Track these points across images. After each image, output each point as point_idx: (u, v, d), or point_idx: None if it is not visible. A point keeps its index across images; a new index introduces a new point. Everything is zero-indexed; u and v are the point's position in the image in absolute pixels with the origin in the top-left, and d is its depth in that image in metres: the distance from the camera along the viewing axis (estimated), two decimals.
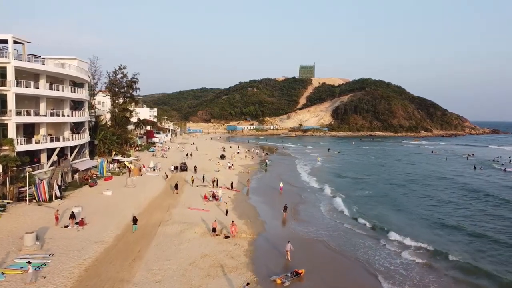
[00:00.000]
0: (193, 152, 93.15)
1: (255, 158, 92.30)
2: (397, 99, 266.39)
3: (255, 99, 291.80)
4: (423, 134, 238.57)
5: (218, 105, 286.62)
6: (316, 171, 73.35)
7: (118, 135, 77.85)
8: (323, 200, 48.30)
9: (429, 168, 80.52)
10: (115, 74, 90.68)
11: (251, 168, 74.62)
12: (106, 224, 32.42)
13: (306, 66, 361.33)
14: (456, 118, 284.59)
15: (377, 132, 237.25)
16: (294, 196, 50.22)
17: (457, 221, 39.55)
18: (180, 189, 48.90)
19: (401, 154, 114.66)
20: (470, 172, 77.44)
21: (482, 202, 49.40)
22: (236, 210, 40.23)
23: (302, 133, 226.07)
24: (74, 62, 50.62)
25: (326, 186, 57.01)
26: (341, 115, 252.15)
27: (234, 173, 66.86)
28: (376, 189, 56.81)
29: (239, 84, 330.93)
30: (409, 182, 63.11)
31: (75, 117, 50.06)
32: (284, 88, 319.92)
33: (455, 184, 62.64)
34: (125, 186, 48.28)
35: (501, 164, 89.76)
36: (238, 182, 59.55)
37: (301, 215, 40.84)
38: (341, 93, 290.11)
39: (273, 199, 48.41)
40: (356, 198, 49.73)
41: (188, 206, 40.02)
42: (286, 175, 68.10)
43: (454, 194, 54.17)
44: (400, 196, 52.14)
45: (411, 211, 43.97)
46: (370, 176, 69.27)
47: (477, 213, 43.86)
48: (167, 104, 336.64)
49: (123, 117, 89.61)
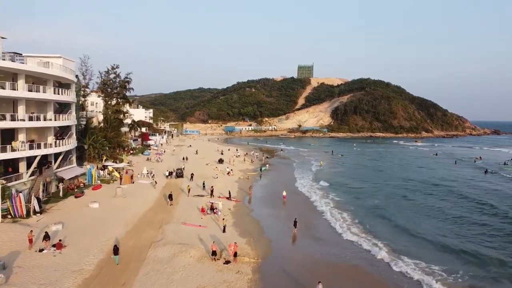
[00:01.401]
0: (190, 156, 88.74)
1: (255, 162, 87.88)
2: (397, 99, 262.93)
3: (253, 99, 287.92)
4: (424, 135, 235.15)
5: (215, 105, 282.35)
6: (321, 177, 68.81)
7: (110, 138, 73.44)
8: (332, 212, 43.90)
9: (441, 174, 76.03)
10: (108, 74, 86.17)
11: (251, 173, 70.32)
12: (88, 246, 28.13)
13: (304, 66, 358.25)
14: (456, 119, 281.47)
15: (378, 133, 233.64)
16: (300, 207, 45.99)
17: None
18: (175, 199, 44.54)
19: (406, 157, 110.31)
20: (483, 177, 73.30)
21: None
22: (237, 226, 35.91)
23: (302, 134, 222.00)
24: (58, 60, 46.11)
25: (333, 195, 52.79)
26: (341, 116, 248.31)
27: (234, 180, 62.57)
28: (389, 200, 51.42)
29: (237, 84, 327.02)
30: (423, 191, 57.91)
31: (60, 121, 45.59)
32: (282, 88, 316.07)
33: (478, 195, 57.70)
34: (115, 197, 43.92)
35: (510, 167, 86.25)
36: (239, 189, 55.52)
37: (313, 231, 36.39)
38: (340, 93, 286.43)
39: (277, 210, 44.21)
40: (368, 211, 45.09)
41: (184, 221, 35.69)
42: (288, 181, 63.90)
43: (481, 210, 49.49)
44: (418, 210, 46.50)
45: (432, 232, 38.20)
46: (379, 183, 64.43)
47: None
48: (164, 104, 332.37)
49: (116, 119, 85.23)
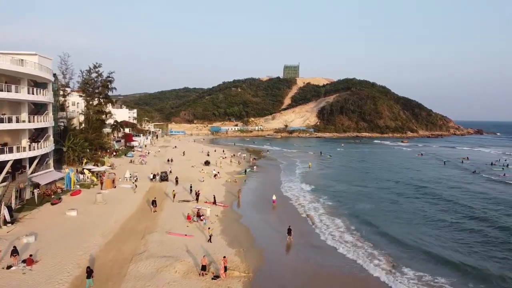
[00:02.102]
0: (175, 158, 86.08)
1: (242, 164, 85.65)
2: (382, 99, 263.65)
3: (239, 99, 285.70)
4: (409, 134, 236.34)
5: (201, 105, 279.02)
6: (310, 180, 66.97)
7: (91, 140, 70.45)
8: (324, 218, 41.91)
9: (431, 176, 74.77)
10: (89, 73, 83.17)
11: (239, 176, 68.13)
12: (63, 261, 25.67)
13: (290, 66, 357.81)
14: (440, 119, 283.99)
15: (364, 133, 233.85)
16: (290, 212, 44.08)
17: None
18: (159, 205, 42.20)
19: (394, 158, 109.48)
20: (472, 179, 72.27)
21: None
22: (225, 234, 33.71)
23: (288, 134, 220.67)
24: (34, 58, 43.23)
25: (324, 200, 50.82)
26: (327, 116, 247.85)
27: (221, 183, 60.24)
28: (382, 205, 49.43)
29: (222, 84, 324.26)
30: (414, 195, 56.10)
31: (35, 123, 42.72)
32: (268, 88, 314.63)
33: (469, 195, 56.95)
34: (94, 203, 41.31)
35: (501, 168, 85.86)
36: (226, 193, 53.23)
37: (306, 239, 34.33)
38: (326, 93, 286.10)
39: (267, 216, 42.19)
40: (361, 216, 42.87)
41: (168, 230, 33.34)
42: (276, 184, 61.89)
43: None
44: (412, 215, 44.58)
45: (429, 240, 37.00)
46: (370, 186, 62.42)
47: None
48: (149, 104, 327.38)
49: (97, 120, 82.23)
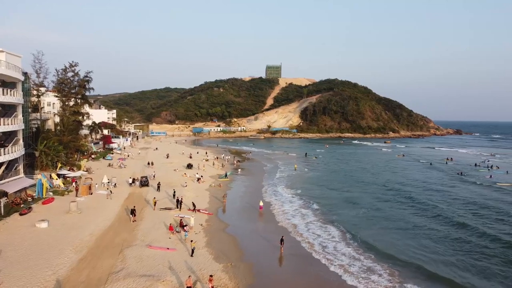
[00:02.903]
0: (156, 160, 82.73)
1: (226, 166, 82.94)
2: (364, 100, 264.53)
3: (222, 99, 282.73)
4: (391, 135, 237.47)
5: (183, 105, 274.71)
6: (296, 183, 64.83)
7: (66, 143, 66.74)
8: (315, 226, 39.69)
9: (419, 178, 73.44)
10: (65, 72, 79.07)
11: (223, 180, 65.50)
12: (28, 283, 22.76)
13: (272, 66, 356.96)
14: (421, 119, 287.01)
15: (346, 134, 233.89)
16: (278, 218, 41.71)
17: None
18: (139, 214, 39.34)
19: (379, 159, 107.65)
20: (460, 181, 70.87)
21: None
22: (211, 247, 31.15)
23: (271, 135, 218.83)
24: (0, 55, 39.86)
25: (313, 205, 48.53)
26: (310, 116, 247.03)
27: (205, 188, 57.49)
28: (373, 210, 47.21)
29: (204, 84, 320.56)
30: (403, 198, 54.13)
31: (2, 126, 39.28)
32: (251, 88, 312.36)
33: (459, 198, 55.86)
34: (68, 213, 38.14)
35: (488, 169, 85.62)
36: (211, 199, 50.57)
37: (299, 250, 32.04)
38: (308, 93, 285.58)
39: (255, 224, 39.80)
40: (355, 224, 40.71)
41: (149, 244, 30.58)
42: (262, 189, 59.41)
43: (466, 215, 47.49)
44: (404, 222, 42.36)
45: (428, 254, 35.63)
46: (359, 190, 60.10)
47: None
48: (129, 104, 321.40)
49: (74, 121, 78.36)
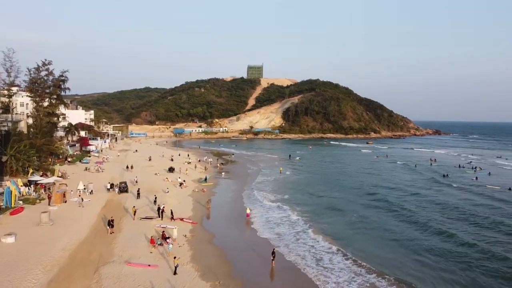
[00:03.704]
0: (136, 164, 79.40)
1: (209, 170, 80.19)
2: (346, 100, 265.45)
3: (203, 99, 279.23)
4: (372, 135, 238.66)
5: (163, 106, 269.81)
6: (283, 187, 62.54)
7: (39, 146, 62.89)
8: (306, 235, 37.51)
9: (405, 180, 72.69)
10: (38, 71, 74.83)
11: (207, 184, 62.88)
12: None
13: (254, 66, 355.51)
14: (401, 119, 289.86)
15: (328, 134, 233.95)
16: (267, 227, 39.47)
17: None
18: (117, 224, 36.46)
19: (364, 161, 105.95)
20: (447, 187, 66.61)
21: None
22: (196, 262, 28.65)
23: (254, 136, 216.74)
24: None
25: (301, 211, 46.42)
26: (292, 117, 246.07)
27: (187, 193, 54.76)
28: (366, 216, 45.23)
29: (185, 84, 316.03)
30: (392, 205, 51.32)
31: None
32: (232, 88, 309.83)
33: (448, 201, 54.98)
34: (39, 225, 34.96)
35: (473, 171, 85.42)
36: (195, 204, 48.18)
37: (292, 263, 29.83)
38: (290, 94, 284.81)
39: (243, 233, 37.43)
40: (347, 232, 39.01)
41: (127, 260, 27.87)
42: (247, 194, 56.88)
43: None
44: (395, 233, 40.67)
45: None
46: (347, 194, 58.31)
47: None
48: (108, 104, 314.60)
49: (48, 123, 74.37)
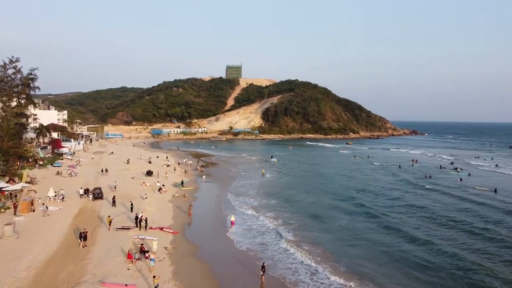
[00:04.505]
0: (112, 166, 75.59)
1: (189, 173, 77.13)
2: (325, 100, 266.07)
3: (181, 99, 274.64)
4: (351, 136, 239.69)
5: (140, 106, 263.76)
6: (267, 192, 59.78)
7: (6, 149, 58.62)
8: (294, 244, 35.27)
9: (390, 182, 71.62)
10: (5, 69, 70.15)
11: (188, 189, 59.99)
12: None
13: (233, 66, 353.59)
14: (379, 120, 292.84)
15: (308, 135, 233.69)
16: (253, 236, 37.10)
17: None
18: (91, 236, 33.35)
19: (348, 162, 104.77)
20: (434, 193, 62.37)
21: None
22: (179, 279, 25.91)
23: (233, 137, 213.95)
24: None
25: (288, 218, 44.14)
26: (272, 117, 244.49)
27: (167, 199, 51.77)
28: (355, 223, 43.32)
29: (163, 84, 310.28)
30: (385, 207, 50.64)
31: None
32: (211, 88, 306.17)
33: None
34: (1, 238, 31.52)
35: (457, 172, 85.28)
36: (175, 211, 45.30)
37: (284, 279, 27.64)
38: (269, 94, 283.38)
39: (228, 245, 34.58)
40: (338, 240, 37.03)
41: (102, 279, 24.94)
42: (230, 199, 54.24)
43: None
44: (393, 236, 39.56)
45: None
46: (331, 198, 56.90)
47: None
48: (83, 104, 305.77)
49: (16, 124, 69.75)
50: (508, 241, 36.91)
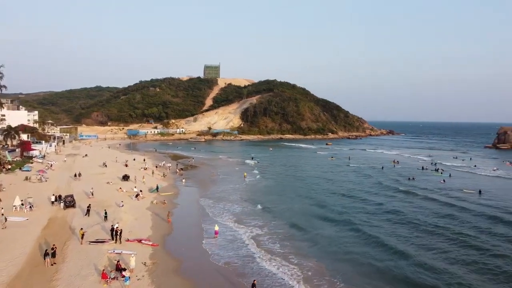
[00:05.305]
0: (86, 170, 71.73)
1: (168, 176, 73.98)
2: (304, 101, 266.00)
3: (158, 99, 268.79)
4: (330, 136, 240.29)
5: (116, 105, 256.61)
6: (250, 197, 57.39)
7: None
8: (285, 256, 33.07)
9: (373, 184, 70.65)
10: None
11: (167, 194, 57.05)
12: None
13: (211, 66, 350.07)
14: (357, 120, 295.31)
15: (287, 135, 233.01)
16: (239, 247, 34.73)
17: None
18: (61, 251, 30.25)
19: (329, 164, 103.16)
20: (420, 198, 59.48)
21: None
22: None
23: (212, 137, 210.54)
24: None
25: (274, 227, 41.89)
26: (251, 118, 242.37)
27: (145, 206, 48.70)
28: (344, 231, 41.29)
29: (139, 83, 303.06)
30: (374, 212, 49.41)
31: None
32: (189, 88, 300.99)
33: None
34: None
35: (440, 173, 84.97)
36: (154, 219, 42.45)
37: None
38: (248, 94, 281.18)
39: (213, 258, 31.75)
40: (328, 251, 34.99)
41: None
42: (211, 204, 51.51)
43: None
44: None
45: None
46: (316, 201, 55.25)
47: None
48: (55, 104, 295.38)
49: None
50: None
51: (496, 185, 71.57)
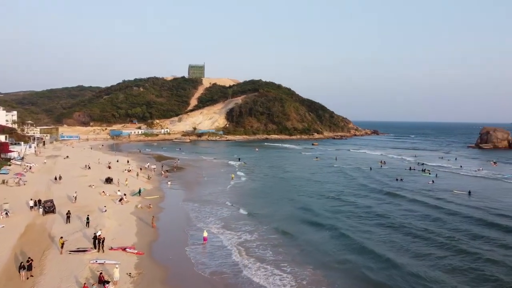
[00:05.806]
0: (67, 173, 69.21)
1: (153, 179, 71.92)
2: (289, 101, 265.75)
3: (142, 99, 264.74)
4: (315, 136, 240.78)
5: (98, 105, 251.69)
6: (238, 200, 55.78)
7: None
8: (277, 265, 32.04)
9: (363, 185, 70.00)
10: None
11: (152, 197, 55.19)
12: None
13: (195, 66, 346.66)
14: (342, 120, 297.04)
15: (273, 135, 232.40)
16: (229, 255, 33.28)
17: None
18: (39, 261, 28.35)
19: (316, 165, 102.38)
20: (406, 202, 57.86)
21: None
22: None
23: (197, 138, 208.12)
24: None
25: (265, 232, 40.57)
26: (236, 118, 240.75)
27: (129, 210, 46.75)
28: (338, 236, 39.69)
29: (122, 83, 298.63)
30: (368, 216, 48.37)
31: None
32: (173, 88, 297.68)
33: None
34: None
35: (428, 173, 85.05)
36: (139, 224, 40.72)
37: None
38: (233, 94, 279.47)
39: (203, 268, 30.06)
40: (322, 256, 34.15)
41: None
42: (198, 209, 49.82)
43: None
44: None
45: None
46: (307, 204, 53.58)
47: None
48: (35, 104, 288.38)
49: None
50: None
51: (483, 185, 71.80)
